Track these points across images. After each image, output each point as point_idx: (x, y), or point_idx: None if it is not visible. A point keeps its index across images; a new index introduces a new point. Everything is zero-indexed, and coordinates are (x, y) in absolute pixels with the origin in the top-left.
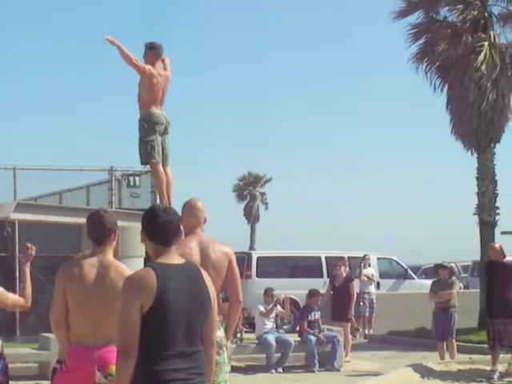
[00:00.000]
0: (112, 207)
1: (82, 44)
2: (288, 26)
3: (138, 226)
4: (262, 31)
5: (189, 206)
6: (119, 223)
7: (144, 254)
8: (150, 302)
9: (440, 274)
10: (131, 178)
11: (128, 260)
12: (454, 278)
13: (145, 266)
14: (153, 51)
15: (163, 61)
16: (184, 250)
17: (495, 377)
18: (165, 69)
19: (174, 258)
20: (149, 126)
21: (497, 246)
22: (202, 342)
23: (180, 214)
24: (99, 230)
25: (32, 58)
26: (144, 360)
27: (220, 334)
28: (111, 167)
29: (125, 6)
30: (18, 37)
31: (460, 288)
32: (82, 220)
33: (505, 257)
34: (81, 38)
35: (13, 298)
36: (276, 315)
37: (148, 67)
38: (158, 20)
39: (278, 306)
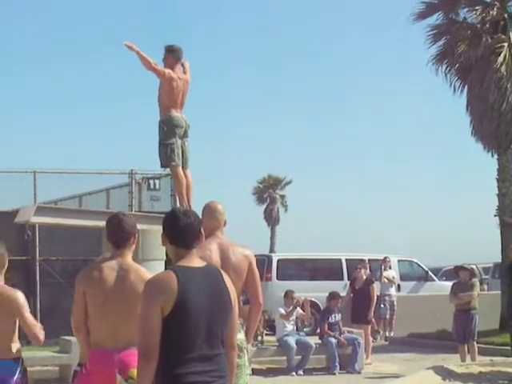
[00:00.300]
0: (132, 210)
1: (101, 45)
2: (303, 28)
3: (159, 229)
4: (278, 33)
5: (209, 209)
6: (139, 226)
7: (165, 257)
8: (170, 305)
9: (460, 276)
10: (151, 181)
11: (148, 263)
12: (474, 279)
13: (165, 269)
14: (172, 54)
15: (183, 64)
16: (204, 253)
17: None
18: (184, 72)
19: (194, 260)
20: (169, 129)
21: None
22: (222, 345)
23: (200, 216)
24: (118, 233)
25: (53, 57)
26: (165, 363)
27: (241, 336)
28: (131, 170)
29: (138, 8)
30: (31, 37)
31: (483, 290)
32: (102, 223)
33: None
34: (99, 40)
35: (30, 320)
36: (296, 317)
37: (168, 71)
38: (172, 23)
39: (298, 309)
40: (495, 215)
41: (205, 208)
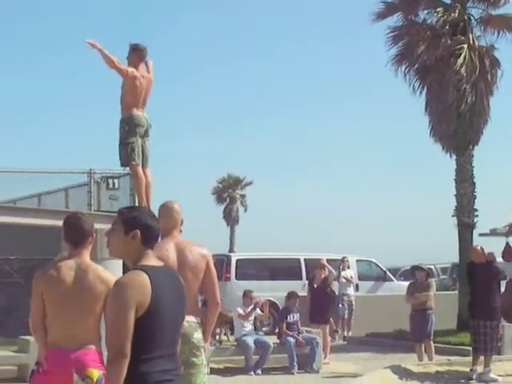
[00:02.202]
0: (91, 210)
1: (61, 45)
2: (269, 27)
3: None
4: (235, 32)
5: (165, 208)
6: (98, 226)
7: None
8: (145, 306)
9: (416, 276)
10: (110, 181)
11: (107, 262)
12: (430, 279)
13: (125, 268)
14: (137, 53)
15: (146, 63)
16: (161, 253)
17: (474, 376)
18: (148, 71)
19: (152, 260)
20: (129, 128)
21: (478, 247)
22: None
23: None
24: (76, 232)
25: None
26: (134, 362)
27: (198, 335)
28: (90, 169)
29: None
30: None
31: (448, 289)
32: (61, 222)
33: (492, 259)
34: (59, 40)
35: None
36: (255, 318)
37: (131, 69)
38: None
39: (258, 309)
40: (453, 216)
41: (161, 207)
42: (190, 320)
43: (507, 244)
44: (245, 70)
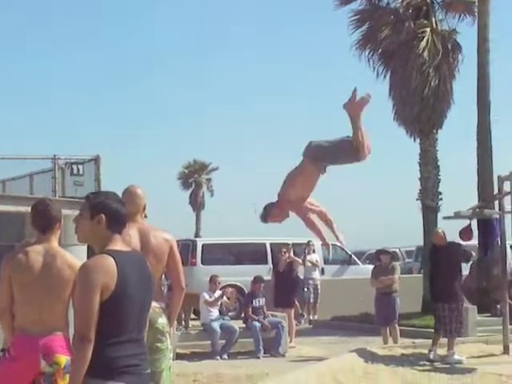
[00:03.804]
0: (55, 195)
1: (25, 28)
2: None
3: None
4: (199, 24)
5: (128, 193)
6: (62, 212)
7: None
8: (110, 290)
9: (381, 260)
10: (75, 167)
11: (71, 248)
12: (394, 263)
13: (89, 253)
14: None
15: None
16: (124, 237)
17: (431, 356)
18: None
19: (119, 245)
20: None
21: (440, 231)
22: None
23: None
24: (45, 218)
25: None
26: (99, 346)
27: (162, 321)
28: (54, 155)
29: None
30: None
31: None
32: (25, 209)
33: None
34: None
35: None
36: (221, 303)
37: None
38: None
39: (224, 297)
40: (417, 199)
41: (124, 192)
42: (154, 305)
43: (469, 225)
44: (208, 57)
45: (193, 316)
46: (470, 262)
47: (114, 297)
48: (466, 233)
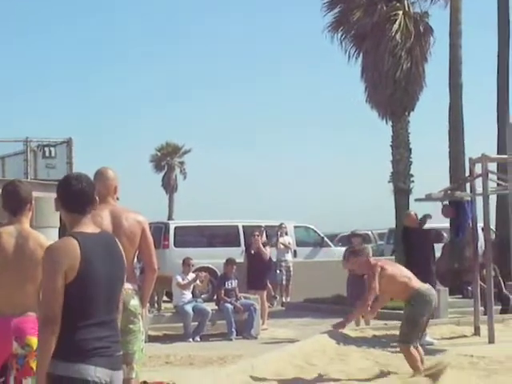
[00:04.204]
0: (28, 178)
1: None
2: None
3: (54, 196)
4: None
5: (99, 174)
6: (34, 194)
7: (58, 225)
8: (74, 272)
9: (353, 242)
10: (47, 149)
11: (43, 230)
12: (366, 245)
13: (60, 235)
14: None
15: None
16: (95, 219)
17: None
18: None
19: (90, 227)
20: None
21: (412, 213)
22: (117, 311)
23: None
24: (15, 200)
25: None
26: (66, 329)
27: (135, 302)
28: (26, 138)
29: None
30: None
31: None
32: None
33: (421, 224)
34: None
35: None
36: (193, 286)
37: None
38: None
39: (198, 281)
40: (389, 181)
41: (96, 174)
42: (127, 287)
43: (445, 205)
44: (182, 41)
45: (165, 298)
46: (442, 244)
47: (79, 278)
48: (447, 210)
